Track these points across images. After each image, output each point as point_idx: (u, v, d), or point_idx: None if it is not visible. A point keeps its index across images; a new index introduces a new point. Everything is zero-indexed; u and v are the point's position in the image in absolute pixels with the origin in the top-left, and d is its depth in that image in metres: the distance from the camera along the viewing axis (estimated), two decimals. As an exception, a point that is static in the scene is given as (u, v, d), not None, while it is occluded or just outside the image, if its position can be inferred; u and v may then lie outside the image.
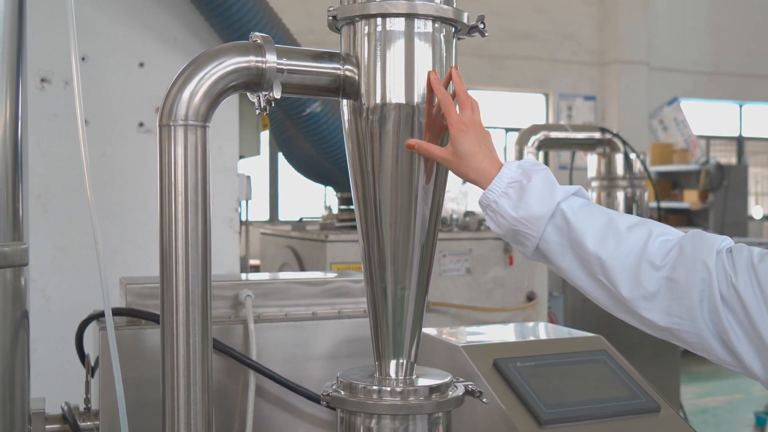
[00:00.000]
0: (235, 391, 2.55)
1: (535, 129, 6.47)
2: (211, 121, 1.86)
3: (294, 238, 5.01)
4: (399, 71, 1.87)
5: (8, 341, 1.87)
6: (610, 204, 6.77)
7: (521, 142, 6.41)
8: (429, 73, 1.85)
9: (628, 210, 6.73)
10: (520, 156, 6.40)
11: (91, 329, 2.70)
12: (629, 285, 1.72)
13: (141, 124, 4.17)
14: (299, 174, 5.81)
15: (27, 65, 1.97)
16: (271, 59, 1.85)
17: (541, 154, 6.76)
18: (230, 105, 4.33)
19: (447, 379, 1.94)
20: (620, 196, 6.67)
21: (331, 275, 2.96)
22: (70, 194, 4.06)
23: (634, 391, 2.27)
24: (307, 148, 5.21)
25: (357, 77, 1.89)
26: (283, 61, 1.86)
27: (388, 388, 1.87)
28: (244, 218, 5.38)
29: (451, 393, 1.91)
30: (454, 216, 5.12)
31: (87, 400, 2.69)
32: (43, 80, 3.95)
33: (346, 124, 1.94)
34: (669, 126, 15.72)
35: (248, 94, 1.92)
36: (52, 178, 4.04)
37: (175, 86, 1.83)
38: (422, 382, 1.91)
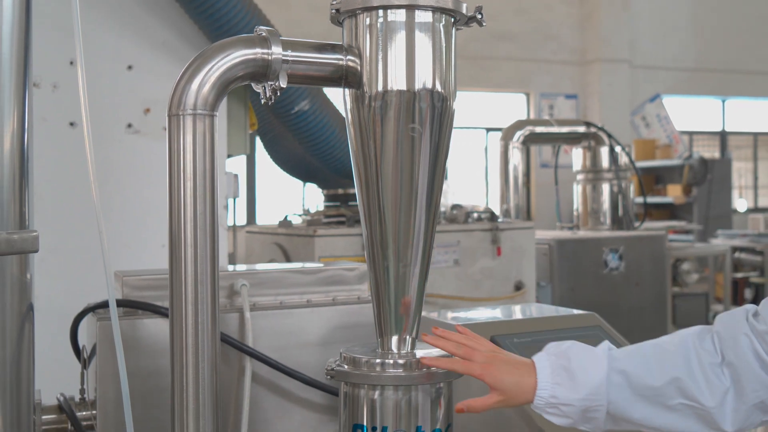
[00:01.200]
0: (231, 378, 2.57)
1: (519, 124, 6.53)
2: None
3: (281, 234, 5.03)
4: (400, 60, 1.92)
5: (15, 333, 1.90)
6: (596, 197, 6.82)
7: (506, 138, 6.46)
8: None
9: (614, 204, 6.78)
10: (505, 150, 6.45)
11: (84, 322, 2.72)
12: (709, 392, 1.72)
13: (129, 126, 4.20)
14: (285, 173, 5.84)
15: (33, 66, 2.01)
16: (276, 51, 1.90)
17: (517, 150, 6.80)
18: (217, 105, 4.37)
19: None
20: (605, 188, 6.73)
21: (323, 264, 2.99)
22: (60, 196, 4.08)
23: (628, 362, 2.30)
24: (293, 146, 5.24)
25: (359, 67, 1.95)
26: (288, 52, 1.92)
27: (391, 361, 1.91)
28: (231, 215, 5.42)
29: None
30: (442, 209, 5.16)
31: (82, 391, 2.72)
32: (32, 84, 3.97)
33: (348, 113, 2.01)
34: (651, 122, 15.82)
35: (253, 84, 1.96)
36: (41, 180, 4.05)
37: (183, 77, 1.89)
38: (423, 354, 1.95)
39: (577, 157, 6.89)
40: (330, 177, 5.31)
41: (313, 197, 12.18)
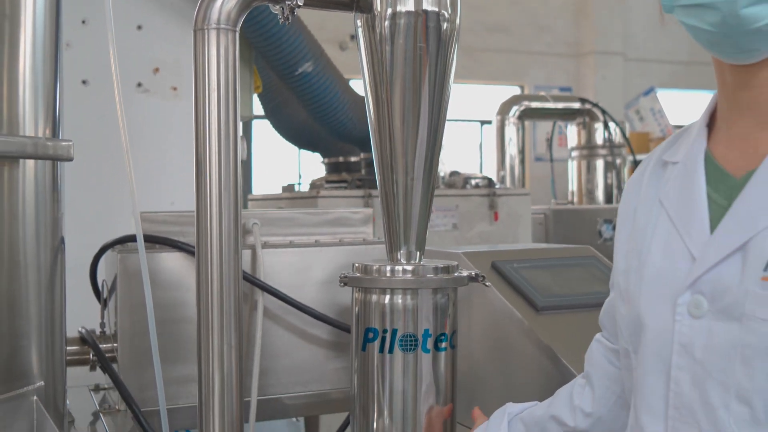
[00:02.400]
0: (243, 313, 2.68)
1: (516, 99, 6.65)
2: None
3: (284, 198, 5.15)
4: None
5: (49, 265, 1.99)
6: (591, 178, 6.93)
7: (503, 112, 6.58)
8: None
9: (608, 183, 6.88)
10: (501, 125, 6.57)
11: (103, 260, 2.85)
12: (571, 415, 1.82)
13: (139, 85, 4.30)
14: (288, 141, 5.96)
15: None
16: None
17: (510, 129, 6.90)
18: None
19: (454, 264, 2.11)
20: (600, 165, 6.85)
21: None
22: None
23: (621, 285, 2.43)
24: (296, 114, 5.36)
25: None
26: (305, -25, 2.03)
27: (400, 268, 2.03)
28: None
29: (456, 274, 2.08)
30: (441, 174, 5.30)
31: (102, 325, 2.84)
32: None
33: (360, 37, 2.11)
34: (645, 116, 15.91)
35: (270, 6, 2.08)
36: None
37: None
38: (431, 264, 2.08)
39: (572, 133, 7.00)
40: (331, 146, 5.43)
41: (309, 168, 12.19)
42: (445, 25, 2.06)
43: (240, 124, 2.08)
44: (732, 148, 1.43)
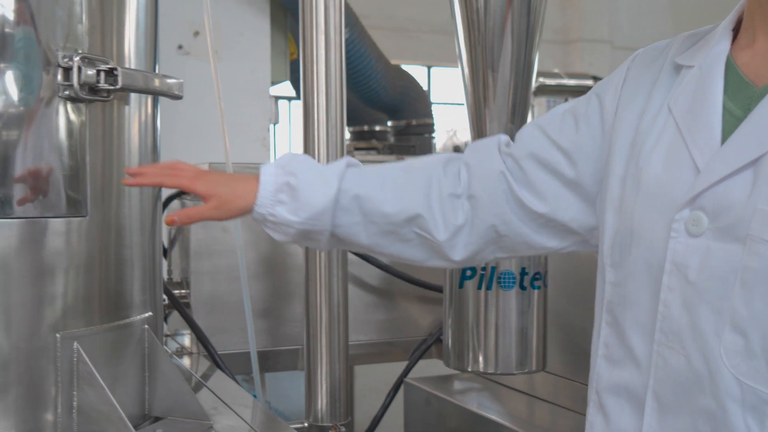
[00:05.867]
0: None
1: (531, 75, 6.75)
2: (245, 48, 2.10)
3: (314, 162, 5.22)
4: None
5: (149, 199, 1.99)
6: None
7: (518, 88, 6.68)
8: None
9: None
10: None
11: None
12: (443, 227, 1.60)
13: (180, 47, 4.33)
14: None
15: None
16: None
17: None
18: (262, 33, 4.48)
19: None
20: (610, 142, 6.95)
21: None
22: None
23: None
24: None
25: None
26: None
27: None
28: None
29: None
30: (463, 141, 5.37)
31: (170, 272, 2.90)
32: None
33: None
34: (631, 103, 16.01)
35: None
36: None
37: None
38: None
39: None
40: (357, 114, 5.47)
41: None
42: None
43: (344, 64, 2.13)
44: (755, 57, 1.30)
